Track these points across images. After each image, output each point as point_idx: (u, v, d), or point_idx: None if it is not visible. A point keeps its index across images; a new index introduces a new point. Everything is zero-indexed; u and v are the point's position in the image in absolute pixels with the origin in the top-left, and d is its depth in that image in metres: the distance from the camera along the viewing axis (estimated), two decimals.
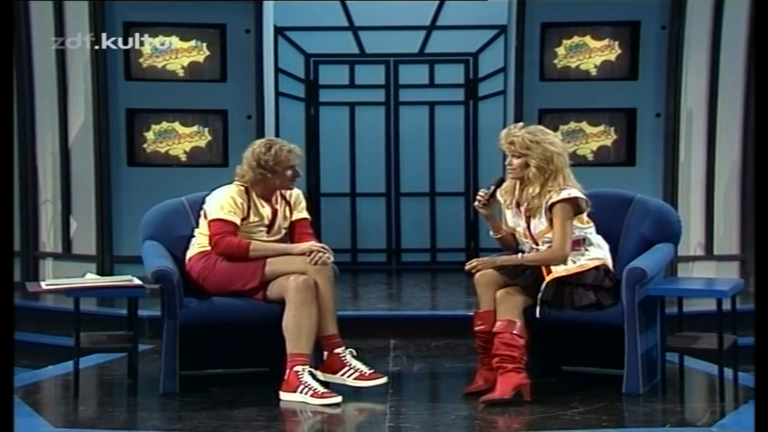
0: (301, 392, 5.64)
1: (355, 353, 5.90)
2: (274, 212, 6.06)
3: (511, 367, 5.57)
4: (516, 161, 5.79)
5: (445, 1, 10.38)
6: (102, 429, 5.23)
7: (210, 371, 6.18)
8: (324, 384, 5.74)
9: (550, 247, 5.73)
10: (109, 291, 6.21)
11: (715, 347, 5.68)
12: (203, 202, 6.09)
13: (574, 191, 5.74)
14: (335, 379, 5.82)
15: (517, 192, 5.86)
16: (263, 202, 6.04)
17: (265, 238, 6.01)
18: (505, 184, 5.91)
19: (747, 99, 8.75)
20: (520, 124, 5.95)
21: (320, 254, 5.86)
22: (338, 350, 5.85)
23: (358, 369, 5.83)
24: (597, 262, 5.76)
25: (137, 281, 5.90)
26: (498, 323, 5.64)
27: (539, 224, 5.77)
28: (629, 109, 8.89)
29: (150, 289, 5.87)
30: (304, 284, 5.76)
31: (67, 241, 9.15)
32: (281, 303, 5.79)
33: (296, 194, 6.17)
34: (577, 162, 8.83)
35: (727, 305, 5.71)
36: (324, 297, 5.81)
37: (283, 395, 5.67)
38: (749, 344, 4.97)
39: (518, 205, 5.85)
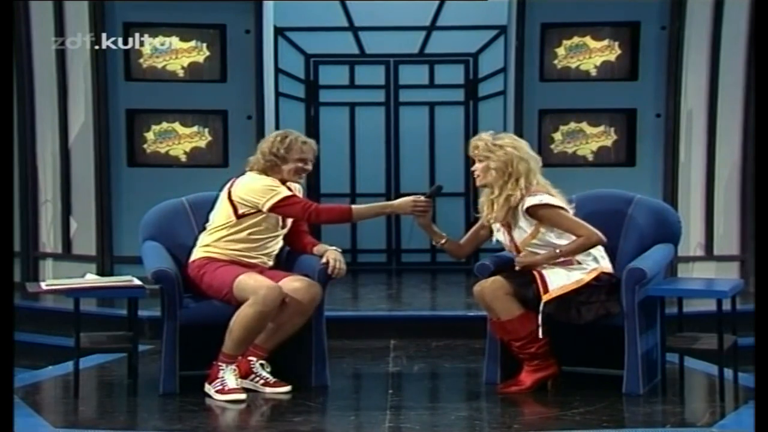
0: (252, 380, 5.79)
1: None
2: None
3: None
4: (479, 165, 5.78)
5: (445, 1, 10.39)
6: (102, 429, 5.22)
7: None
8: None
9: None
10: (109, 291, 6.20)
11: (715, 347, 5.68)
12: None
13: (546, 197, 5.69)
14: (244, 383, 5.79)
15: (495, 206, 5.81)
16: None
17: (278, 231, 5.97)
18: (481, 200, 5.86)
19: (747, 99, 8.75)
20: (491, 131, 5.89)
21: (340, 268, 5.88)
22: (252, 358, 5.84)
23: (264, 377, 5.83)
24: (594, 273, 5.72)
25: (137, 281, 5.89)
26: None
27: (522, 232, 5.75)
28: (629, 110, 8.89)
29: (150, 290, 5.87)
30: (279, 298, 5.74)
31: (67, 242, 9.15)
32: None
33: (299, 189, 6.13)
34: (577, 163, 8.94)
35: (727, 305, 5.70)
36: (293, 320, 5.79)
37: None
38: (749, 344, 4.96)
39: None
